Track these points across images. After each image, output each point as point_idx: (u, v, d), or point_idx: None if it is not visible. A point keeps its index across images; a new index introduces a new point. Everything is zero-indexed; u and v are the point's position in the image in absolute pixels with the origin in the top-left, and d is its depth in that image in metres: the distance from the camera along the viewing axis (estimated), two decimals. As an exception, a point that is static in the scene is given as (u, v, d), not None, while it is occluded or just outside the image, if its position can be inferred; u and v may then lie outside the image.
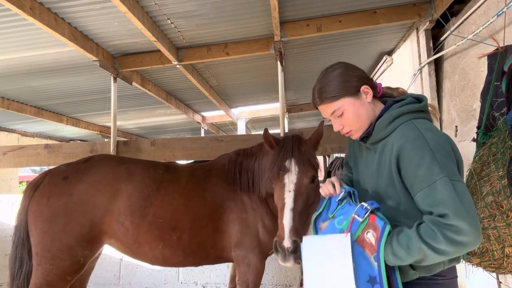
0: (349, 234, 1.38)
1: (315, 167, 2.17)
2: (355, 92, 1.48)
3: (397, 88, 1.63)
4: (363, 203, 1.40)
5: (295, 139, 2.23)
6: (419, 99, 1.52)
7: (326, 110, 1.52)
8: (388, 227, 1.33)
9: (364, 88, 1.49)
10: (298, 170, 2.08)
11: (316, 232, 1.64)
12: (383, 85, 1.63)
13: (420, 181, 1.30)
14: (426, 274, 1.41)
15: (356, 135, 1.55)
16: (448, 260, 1.40)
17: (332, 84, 1.49)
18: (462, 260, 2.27)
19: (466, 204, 1.24)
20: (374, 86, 1.55)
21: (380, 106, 1.55)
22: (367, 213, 1.37)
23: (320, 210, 1.64)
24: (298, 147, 2.17)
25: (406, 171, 1.36)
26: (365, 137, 1.55)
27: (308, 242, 1.46)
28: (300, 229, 1.97)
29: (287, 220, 1.93)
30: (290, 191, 2.03)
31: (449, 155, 1.34)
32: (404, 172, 1.37)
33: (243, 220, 2.64)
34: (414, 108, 1.46)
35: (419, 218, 1.35)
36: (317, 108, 1.57)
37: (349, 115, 1.49)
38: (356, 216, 1.39)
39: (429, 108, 1.56)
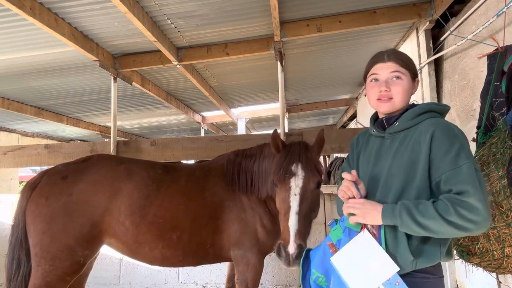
0: (365, 229, 1.47)
1: (320, 173, 2.19)
2: (413, 76, 1.64)
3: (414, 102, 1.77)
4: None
5: (302, 145, 2.25)
6: (443, 105, 1.66)
7: (391, 67, 1.60)
8: None
9: (417, 80, 1.67)
10: (305, 175, 2.09)
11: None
12: None
13: (447, 164, 1.40)
14: (426, 264, 1.44)
15: (390, 106, 1.60)
16: (445, 255, 1.48)
17: (407, 57, 1.65)
18: (461, 260, 2.27)
19: (483, 190, 1.36)
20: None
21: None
22: None
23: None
24: (305, 152, 2.19)
25: (434, 155, 1.44)
26: (383, 127, 1.63)
27: (337, 259, 1.50)
28: (305, 232, 1.97)
29: (292, 223, 1.93)
30: (296, 195, 2.03)
31: (470, 150, 1.46)
32: (431, 155, 1.45)
33: (242, 220, 2.64)
34: (440, 108, 1.61)
35: (429, 199, 1.43)
36: (371, 68, 1.64)
37: (402, 85, 1.59)
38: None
39: None
